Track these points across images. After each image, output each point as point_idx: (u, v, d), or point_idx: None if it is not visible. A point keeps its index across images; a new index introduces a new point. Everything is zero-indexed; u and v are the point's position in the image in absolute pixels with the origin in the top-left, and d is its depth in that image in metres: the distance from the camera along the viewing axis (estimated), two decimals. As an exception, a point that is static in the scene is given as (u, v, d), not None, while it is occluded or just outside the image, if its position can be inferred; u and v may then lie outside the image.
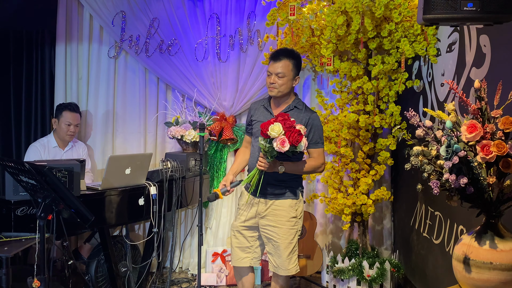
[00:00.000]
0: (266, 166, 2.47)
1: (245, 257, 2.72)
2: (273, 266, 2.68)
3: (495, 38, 2.10)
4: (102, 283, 3.23)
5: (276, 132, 2.33)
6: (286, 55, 2.57)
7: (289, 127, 2.34)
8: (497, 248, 1.53)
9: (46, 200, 2.11)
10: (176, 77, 3.94)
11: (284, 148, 2.33)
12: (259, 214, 2.66)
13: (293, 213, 2.63)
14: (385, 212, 3.92)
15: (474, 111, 1.57)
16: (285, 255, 2.61)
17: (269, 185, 2.60)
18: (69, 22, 3.93)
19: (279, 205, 2.61)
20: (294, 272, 2.66)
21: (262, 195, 2.63)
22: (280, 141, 2.32)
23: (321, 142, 2.63)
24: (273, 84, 2.56)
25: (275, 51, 2.66)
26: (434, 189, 1.60)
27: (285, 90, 2.59)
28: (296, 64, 2.60)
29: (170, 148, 4.07)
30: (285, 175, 2.56)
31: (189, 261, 4.08)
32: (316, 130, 2.60)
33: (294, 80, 2.60)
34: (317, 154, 2.61)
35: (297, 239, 2.67)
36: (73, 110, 3.49)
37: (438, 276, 2.77)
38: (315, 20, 3.33)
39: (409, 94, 3.35)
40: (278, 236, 2.60)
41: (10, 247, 2.31)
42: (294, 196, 2.64)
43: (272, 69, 2.56)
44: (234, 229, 2.74)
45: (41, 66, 3.94)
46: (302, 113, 2.60)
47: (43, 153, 3.41)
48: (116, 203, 2.96)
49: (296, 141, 2.33)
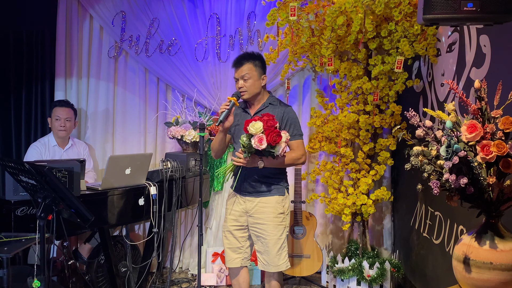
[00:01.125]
0: (243, 162, 2.55)
1: (236, 258, 2.79)
2: (262, 264, 2.73)
3: (495, 38, 2.10)
4: (102, 283, 3.23)
5: (255, 129, 2.40)
6: (247, 58, 2.69)
7: (270, 126, 2.40)
8: (497, 248, 1.53)
9: (46, 200, 2.11)
10: (176, 77, 3.94)
11: (261, 146, 2.39)
12: (247, 212, 2.71)
13: (280, 209, 2.69)
14: (385, 212, 3.92)
15: (474, 111, 1.57)
16: (274, 251, 2.67)
17: (254, 182, 2.67)
18: (69, 22, 3.93)
19: (266, 202, 2.67)
20: (284, 268, 2.71)
21: (248, 193, 2.69)
22: (258, 138, 2.40)
23: (298, 134, 2.70)
24: (242, 88, 2.66)
25: (236, 58, 2.75)
26: (434, 189, 1.60)
27: (255, 91, 2.68)
28: (259, 64, 2.70)
29: (170, 148, 4.07)
30: (268, 171, 2.64)
31: (189, 261, 4.08)
32: (292, 123, 2.68)
33: (261, 79, 2.70)
34: (296, 146, 2.68)
35: (285, 236, 2.72)
36: (62, 105, 3.50)
37: (438, 276, 2.77)
38: (315, 20, 3.33)
39: (409, 94, 3.35)
40: (266, 233, 2.66)
41: (10, 247, 2.30)
42: (280, 192, 2.70)
43: (237, 75, 2.68)
44: (225, 230, 2.81)
45: (41, 66, 3.94)
46: (277, 108, 2.69)
47: (44, 152, 3.42)
48: (116, 203, 2.96)
49: (273, 141, 2.39)
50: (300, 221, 3.62)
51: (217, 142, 2.74)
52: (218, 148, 2.76)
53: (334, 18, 3.12)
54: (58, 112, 3.47)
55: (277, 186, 2.69)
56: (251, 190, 2.68)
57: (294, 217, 3.62)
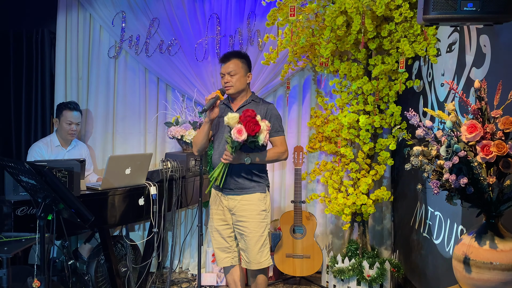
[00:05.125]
0: (230, 158, 2.60)
1: (226, 257, 2.86)
2: (245, 262, 2.79)
3: (495, 38, 2.10)
4: (102, 283, 3.23)
5: (231, 119, 2.45)
6: (234, 55, 2.79)
7: (247, 116, 2.44)
8: (497, 248, 1.53)
9: (46, 200, 2.11)
10: (176, 77, 3.94)
11: (241, 137, 2.43)
12: (230, 210, 2.77)
13: (262, 206, 2.75)
14: (385, 212, 3.92)
15: (474, 111, 1.57)
16: (256, 248, 2.73)
17: (237, 180, 2.71)
18: (69, 22, 3.93)
19: (248, 199, 2.73)
20: (266, 265, 2.78)
21: (230, 190, 2.74)
22: (237, 130, 2.43)
23: (281, 130, 2.79)
24: (228, 83, 2.75)
25: (223, 55, 2.83)
26: (434, 189, 1.60)
27: (240, 87, 2.76)
28: (245, 62, 2.80)
29: (170, 148, 4.07)
30: (251, 168, 2.69)
31: (189, 261, 4.08)
32: (275, 119, 2.76)
33: (246, 76, 2.79)
34: (279, 142, 2.76)
35: (267, 233, 2.79)
36: (73, 109, 3.50)
37: (438, 276, 2.77)
38: (315, 20, 3.33)
39: (409, 94, 3.35)
40: (249, 230, 2.72)
41: (10, 247, 2.31)
42: (261, 190, 2.76)
43: (224, 70, 2.76)
44: (212, 230, 2.86)
45: (41, 66, 3.94)
46: (260, 105, 2.77)
47: (46, 152, 3.42)
48: (116, 203, 2.96)
49: (252, 130, 2.42)
50: (300, 221, 3.62)
51: (201, 134, 2.77)
52: (201, 141, 2.78)
53: (334, 18, 3.12)
54: (69, 116, 3.47)
55: (258, 183, 2.75)
56: (233, 187, 2.73)
57: (294, 217, 3.62)
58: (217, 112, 2.69)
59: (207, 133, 2.76)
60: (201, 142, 2.79)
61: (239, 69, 2.74)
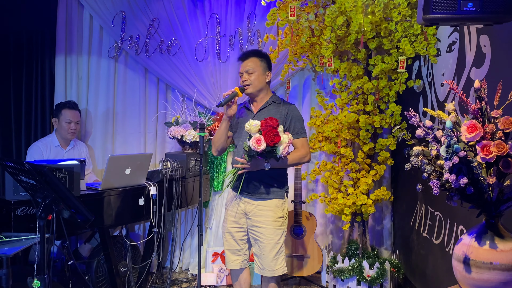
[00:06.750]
0: (247, 166, 2.53)
1: (236, 260, 2.75)
2: (259, 268, 2.68)
3: (495, 38, 2.10)
4: (102, 283, 3.23)
5: (253, 127, 2.35)
6: (253, 53, 2.70)
7: (268, 126, 2.33)
8: (497, 248, 1.53)
9: (46, 200, 2.10)
10: (176, 77, 3.94)
11: (259, 147, 2.32)
12: (246, 214, 2.67)
13: (280, 213, 2.64)
14: (385, 212, 3.92)
15: (474, 111, 1.57)
16: (271, 255, 2.62)
17: (256, 185, 2.62)
18: (69, 22, 3.93)
19: (266, 205, 2.62)
20: (280, 273, 2.66)
21: (248, 194, 2.65)
22: (256, 140, 2.33)
23: (303, 131, 2.66)
24: (246, 81, 2.65)
25: (242, 53, 2.75)
26: (434, 189, 1.60)
27: (259, 85, 2.66)
28: (264, 60, 2.69)
29: (170, 148, 4.07)
30: (271, 173, 2.59)
31: (189, 261, 4.08)
32: (296, 121, 2.64)
33: (265, 75, 2.68)
34: (300, 144, 2.64)
35: (283, 240, 2.67)
36: (72, 108, 3.50)
37: (438, 276, 2.77)
38: (315, 20, 3.33)
39: (409, 94, 3.35)
40: (264, 237, 2.61)
41: (10, 247, 2.31)
42: (280, 196, 2.66)
43: (242, 68, 2.67)
44: (225, 231, 2.77)
45: (41, 66, 3.94)
46: (281, 107, 2.66)
47: (45, 152, 3.41)
48: (116, 203, 2.96)
49: (271, 141, 2.32)
50: (300, 221, 3.62)
51: (219, 133, 2.67)
52: (220, 140, 2.68)
53: (334, 18, 3.12)
54: (68, 115, 3.46)
55: (277, 189, 2.65)
56: (251, 191, 2.64)
57: (294, 217, 3.62)
58: (235, 109, 2.60)
59: (225, 131, 2.66)
60: (220, 141, 2.68)
61: (257, 67, 2.64)
